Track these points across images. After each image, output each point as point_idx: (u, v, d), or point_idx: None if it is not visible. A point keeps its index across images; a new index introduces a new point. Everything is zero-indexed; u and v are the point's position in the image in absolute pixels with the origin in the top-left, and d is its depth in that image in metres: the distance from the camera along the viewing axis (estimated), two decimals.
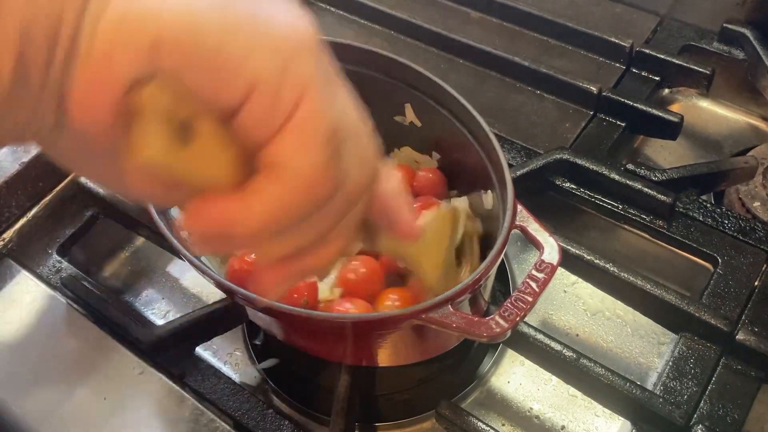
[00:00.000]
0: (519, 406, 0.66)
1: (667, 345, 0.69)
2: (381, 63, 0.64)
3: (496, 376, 0.68)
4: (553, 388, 0.67)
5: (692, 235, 0.72)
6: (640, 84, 0.87)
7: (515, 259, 0.75)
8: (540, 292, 0.49)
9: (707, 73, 0.84)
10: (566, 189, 0.77)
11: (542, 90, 0.87)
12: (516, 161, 0.78)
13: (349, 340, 0.56)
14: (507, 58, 0.87)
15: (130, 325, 0.67)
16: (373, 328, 0.51)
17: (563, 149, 0.76)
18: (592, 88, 0.83)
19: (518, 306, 0.48)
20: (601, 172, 0.74)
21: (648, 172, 0.75)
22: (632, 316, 0.71)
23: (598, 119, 0.84)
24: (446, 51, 0.91)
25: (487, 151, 0.59)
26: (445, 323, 0.48)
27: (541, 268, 0.50)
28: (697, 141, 0.89)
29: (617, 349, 0.70)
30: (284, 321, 0.56)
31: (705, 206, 0.74)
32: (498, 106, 0.86)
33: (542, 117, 0.85)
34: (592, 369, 0.61)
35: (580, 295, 0.73)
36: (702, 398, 0.61)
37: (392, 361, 0.62)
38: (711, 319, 0.63)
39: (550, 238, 0.52)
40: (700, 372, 0.63)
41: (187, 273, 0.78)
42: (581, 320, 0.72)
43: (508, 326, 0.47)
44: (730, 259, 0.70)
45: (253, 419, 0.63)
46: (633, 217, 0.74)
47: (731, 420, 0.60)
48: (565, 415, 0.65)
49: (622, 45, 0.88)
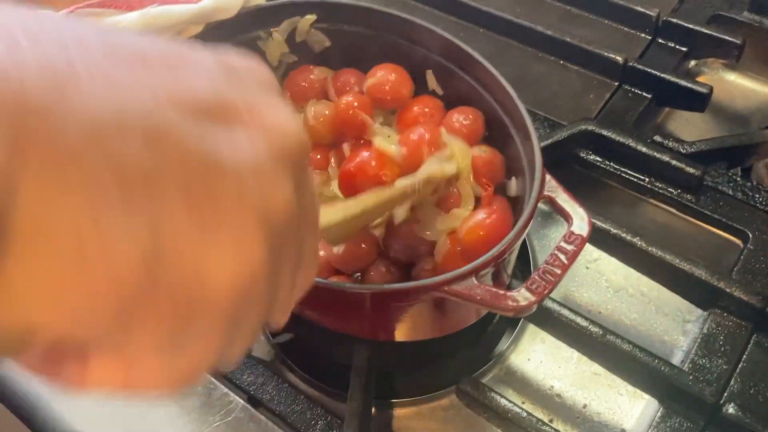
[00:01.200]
0: (539, 384, 0.65)
1: (693, 323, 0.67)
2: (402, 27, 0.62)
3: (515, 353, 0.67)
4: (575, 365, 0.65)
5: (722, 209, 0.70)
6: (666, 55, 0.85)
7: (536, 236, 0.73)
8: (569, 265, 0.47)
9: (738, 43, 0.81)
10: (591, 161, 0.74)
11: (565, 60, 0.85)
12: (539, 133, 0.76)
13: (367, 312, 0.54)
14: (529, 27, 0.85)
15: None
16: (392, 299, 0.49)
17: (588, 120, 0.74)
18: (618, 58, 0.80)
19: (546, 279, 0.46)
20: (628, 144, 0.72)
21: (676, 144, 0.73)
22: (657, 293, 0.69)
23: (623, 90, 0.81)
24: (466, 20, 0.89)
25: (513, 120, 0.57)
26: (469, 296, 0.46)
27: (570, 239, 0.48)
28: (724, 115, 0.87)
29: (641, 327, 0.68)
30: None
31: (735, 180, 0.72)
32: (520, 76, 0.84)
33: (566, 88, 0.83)
34: (619, 345, 0.60)
35: (603, 271, 0.71)
36: (732, 376, 0.60)
37: (411, 335, 0.60)
38: (743, 295, 0.61)
39: (580, 209, 0.50)
40: (730, 349, 0.61)
41: None
42: (604, 297, 0.70)
43: (535, 299, 0.45)
44: (762, 234, 0.68)
45: (268, 393, 0.61)
46: (660, 190, 0.72)
47: (763, 398, 0.58)
48: (588, 393, 0.64)
49: (649, 14, 0.85)
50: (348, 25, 0.63)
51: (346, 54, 0.65)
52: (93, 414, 0.62)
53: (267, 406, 0.61)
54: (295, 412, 0.60)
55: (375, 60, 0.65)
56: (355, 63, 0.64)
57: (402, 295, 0.48)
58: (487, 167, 0.58)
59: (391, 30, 0.62)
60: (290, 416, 0.60)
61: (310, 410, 0.60)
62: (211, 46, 0.27)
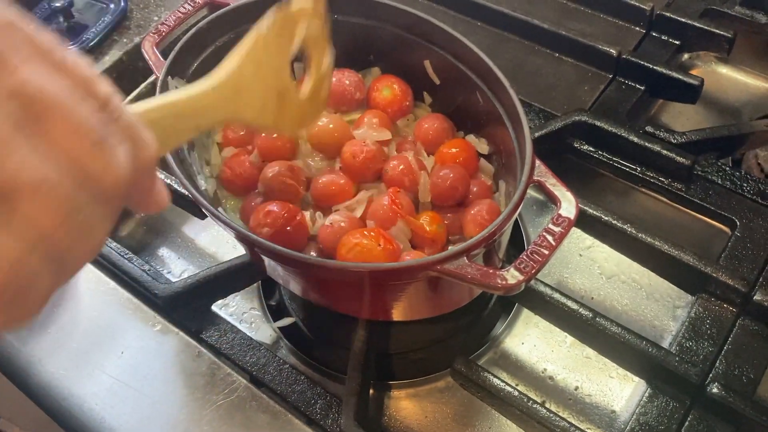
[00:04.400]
0: (533, 367, 0.66)
1: (683, 308, 0.69)
2: (400, 18, 0.63)
3: (510, 337, 0.68)
4: (568, 349, 0.67)
5: (710, 198, 0.72)
6: (659, 48, 0.86)
7: (531, 223, 0.75)
8: (556, 246, 0.49)
9: (729, 36, 0.83)
10: (584, 151, 0.76)
11: (561, 53, 0.86)
12: (534, 124, 0.78)
13: (364, 290, 0.56)
14: (525, 20, 0.86)
15: (148, 281, 0.68)
16: (388, 278, 0.51)
17: (582, 111, 0.76)
18: (612, 51, 0.82)
19: (534, 259, 0.48)
20: (620, 134, 0.73)
21: (667, 135, 0.75)
22: (648, 280, 0.71)
23: (617, 82, 0.83)
24: (463, 13, 0.90)
25: (506, 108, 0.58)
26: (460, 274, 0.48)
27: (558, 222, 0.50)
28: (716, 107, 0.88)
29: (632, 312, 0.69)
30: (302, 271, 0.56)
31: (724, 169, 0.73)
32: (516, 68, 0.86)
33: (561, 80, 0.84)
34: (608, 328, 0.61)
35: (596, 258, 0.73)
36: (718, 358, 0.61)
37: (407, 315, 0.62)
38: (729, 280, 0.63)
39: (567, 193, 0.51)
40: (716, 333, 0.63)
41: (203, 232, 0.79)
42: (596, 283, 0.71)
43: (523, 278, 0.47)
44: (749, 222, 0.69)
45: (270, 374, 0.63)
46: (651, 179, 0.74)
47: (747, 380, 0.60)
48: (579, 376, 0.66)
49: (642, 8, 0.87)
50: (345, 15, 0.65)
51: (344, 47, 0.66)
52: (104, 394, 0.64)
53: (269, 386, 0.63)
54: (295, 392, 0.62)
55: (373, 51, 0.67)
56: (354, 55, 0.66)
57: (395, 274, 0.50)
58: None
59: (389, 21, 0.64)
60: (291, 396, 0.62)
61: (310, 390, 0.62)
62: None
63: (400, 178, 0.60)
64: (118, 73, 0.84)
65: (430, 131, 0.64)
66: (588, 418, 0.63)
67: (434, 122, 0.64)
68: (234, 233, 0.52)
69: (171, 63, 0.59)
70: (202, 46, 0.62)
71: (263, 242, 0.51)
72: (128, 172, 0.30)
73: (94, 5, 0.87)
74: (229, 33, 0.63)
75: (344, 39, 0.66)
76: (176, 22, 0.66)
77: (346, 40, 0.66)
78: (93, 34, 0.84)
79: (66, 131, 0.28)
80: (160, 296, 0.66)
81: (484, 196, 0.61)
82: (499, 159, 0.62)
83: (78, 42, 0.83)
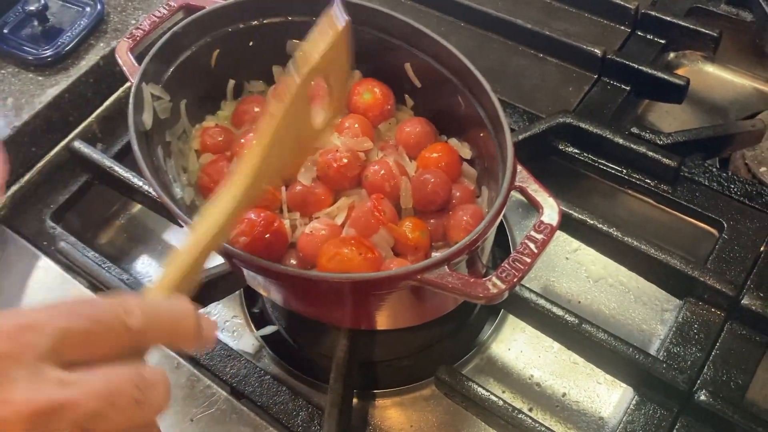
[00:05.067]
0: (519, 373, 0.66)
1: (671, 312, 0.68)
2: (380, 21, 0.62)
3: (496, 343, 0.67)
4: (554, 355, 0.66)
5: (697, 199, 0.71)
6: (645, 47, 0.85)
7: (517, 227, 0.74)
8: (538, 254, 0.48)
9: (714, 35, 0.82)
10: (569, 153, 0.75)
11: (545, 53, 0.85)
12: (518, 125, 0.77)
13: (346, 300, 0.55)
14: (509, 21, 0.85)
15: (126, 291, 0.66)
16: (368, 288, 0.50)
17: (566, 113, 0.75)
18: (597, 51, 0.81)
19: (516, 267, 0.47)
20: (605, 136, 0.72)
21: (653, 136, 0.74)
22: (635, 283, 0.70)
23: (603, 83, 0.82)
24: (447, 13, 0.89)
25: (487, 111, 0.57)
26: (441, 284, 0.47)
27: (540, 229, 0.49)
28: (703, 107, 0.88)
29: (620, 316, 0.69)
30: (282, 282, 0.55)
31: (710, 170, 0.72)
32: (500, 69, 0.84)
33: (545, 81, 0.83)
34: (594, 334, 0.60)
35: (582, 261, 0.72)
36: (706, 364, 0.61)
37: (390, 324, 0.61)
38: (716, 284, 0.62)
39: (550, 199, 0.50)
40: (704, 337, 0.62)
41: (184, 240, 0.77)
42: (583, 287, 0.71)
43: (505, 287, 0.46)
44: (736, 224, 0.68)
45: (250, 385, 0.62)
46: (637, 181, 0.73)
47: (735, 385, 0.59)
48: (566, 382, 0.65)
49: (627, 7, 0.86)
50: None
51: None
52: None
53: (250, 398, 0.62)
54: (277, 404, 0.61)
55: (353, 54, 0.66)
56: None
57: (377, 284, 0.49)
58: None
59: (369, 24, 0.62)
60: (272, 408, 0.61)
61: (292, 401, 0.61)
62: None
63: (380, 184, 0.59)
64: (95, 78, 0.82)
65: (412, 135, 0.63)
66: (575, 425, 0.62)
67: (416, 126, 0.63)
68: None
69: (145, 69, 0.57)
70: (178, 50, 0.61)
71: (239, 253, 0.50)
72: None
73: (69, 8, 0.85)
74: (205, 37, 0.62)
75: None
76: (151, 26, 0.64)
77: None
78: (69, 38, 0.82)
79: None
80: None
81: (467, 201, 0.60)
82: (481, 163, 0.61)
83: (53, 46, 0.81)
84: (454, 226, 0.58)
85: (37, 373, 0.31)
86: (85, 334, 0.33)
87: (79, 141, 0.78)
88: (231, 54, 0.64)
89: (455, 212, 0.59)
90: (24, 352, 0.31)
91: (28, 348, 0.31)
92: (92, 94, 0.82)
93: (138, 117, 0.56)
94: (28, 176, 0.77)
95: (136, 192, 0.75)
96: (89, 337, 0.33)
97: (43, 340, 0.31)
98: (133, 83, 0.57)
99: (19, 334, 0.31)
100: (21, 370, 0.30)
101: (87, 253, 0.70)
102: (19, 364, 0.30)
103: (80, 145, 0.77)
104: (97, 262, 0.69)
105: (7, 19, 0.85)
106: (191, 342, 0.38)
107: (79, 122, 0.81)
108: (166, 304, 0.38)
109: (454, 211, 0.59)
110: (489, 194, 0.59)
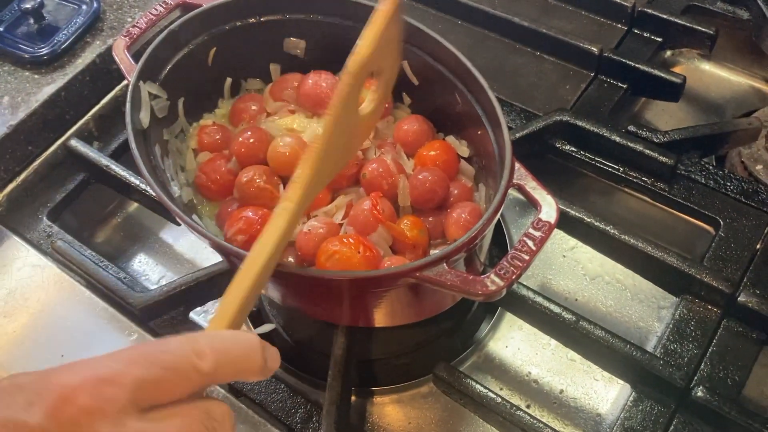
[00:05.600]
0: (517, 370, 0.66)
1: (668, 309, 0.68)
2: None
3: (494, 340, 0.68)
4: (552, 352, 0.66)
5: (694, 197, 0.71)
6: (641, 45, 0.85)
7: (514, 225, 0.74)
8: (537, 251, 0.48)
9: (711, 33, 0.82)
10: (566, 151, 0.75)
11: (542, 51, 0.85)
12: (515, 124, 0.77)
13: (344, 298, 0.55)
14: (506, 19, 0.85)
15: (123, 289, 0.66)
16: (366, 286, 0.50)
17: (563, 111, 0.75)
18: (593, 48, 0.81)
19: (514, 264, 0.47)
20: (602, 134, 0.73)
21: (650, 134, 0.74)
22: (632, 281, 0.70)
23: (599, 81, 0.82)
24: (443, 11, 0.89)
25: (485, 109, 0.57)
26: (440, 281, 0.47)
27: (538, 226, 0.49)
28: (699, 105, 0.88)
29: (617, 314, 0.69)
30: (280, 280, 0.55)
31: (707, 168, 0.73)
32: (497, 67, 0.84)
33: (542, 79, 0.83)
34: (591, 331, 0.61)
35: (580, 259, 0.72)
36: (702, 361, 0.61)
37: (388, 321, 0.61)
38: (713, 281, 0.62)
39: (548, 196, 0.50)
40: (700, 334, 0.62)
41: (181, 238, 0.77)
42: (580, 285, 0.71)
43: (504, 284, 0.46)
44: (733, 222, 0.69)
45: (248, 383, 0.62)
46: (634, 179, 0.73)
47: (732, 382, 0.59)
48: (564, 379, 0.65)
49: (624, 5, 0.86)
50: (321, 16, 0.63)
51: (321, 48, 0.65)
52: None
53: (248, 396, 0.62)
54: (275, 401, 0.61)
55: (350, 52, 0.66)
56: (331, 56, 0.65)
57: (375, 282, 0.49)
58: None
59: (366, 22, 0.62)
60: (270, 405, 0.61)
61: (291, 399, 0.61)
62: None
63: (378, 182, 0.59)
64: (91, 76, 0.82)
65: (410, 133, 0.63)
66: (573, 421, 0.63)
67: (414, 124, 0.63)
68: (208, 242, 0.51)
69: (142, 67, 0.57)
70: (175, 48, 0.61)
71: (238, 251, 0.49)
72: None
73: (65, 6, 0.85)
74: (202, 35, 0.62)
75: (320, 40, 0.65)
76: (148, 24, 0.64)
77: (323, 40, 0.65)
78: (65, 36, 0.81)
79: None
80: (136, 306, 0.65)
81: (465, 199, 0.60)
82: (479, 161, 0.61)
83: (49, 44, 0.81)
84: (452, 223, 0.58)
85: (119, 424, 0.33)
86: (161, 382, 0.34)
87: (75, 139, 0.78)
88: (228, 52, 0.64)
89: (453, 210, 0.59)
90: (106, 406, 0.32)
91: (109, 402, 0.33)
92: (89, 92, 0.82)
93: (135, 115, 0.56)
94: (25, 175, 0.77)
95: (133, 190, 0.75)
96: (164, 385, 0.34)
97: (122, 393, 0.33)
98: (131, 81, 0.57)
99: (100, 389, 0.33)
100: (104, 424, 0.32)
101: (84, 251, 0.70)
102: (103, 418, 0.32)
103: (77, 144, 0.77)
104: (94, 260, 0.69)
105: (3, 17, 0.84)
106: (257, 376, 0.39)
107: (75, 120, 0.81)
108: (233, 340, 0.38)
109: (452, 209, 0.59)
110: (486, 192, 0.59)
